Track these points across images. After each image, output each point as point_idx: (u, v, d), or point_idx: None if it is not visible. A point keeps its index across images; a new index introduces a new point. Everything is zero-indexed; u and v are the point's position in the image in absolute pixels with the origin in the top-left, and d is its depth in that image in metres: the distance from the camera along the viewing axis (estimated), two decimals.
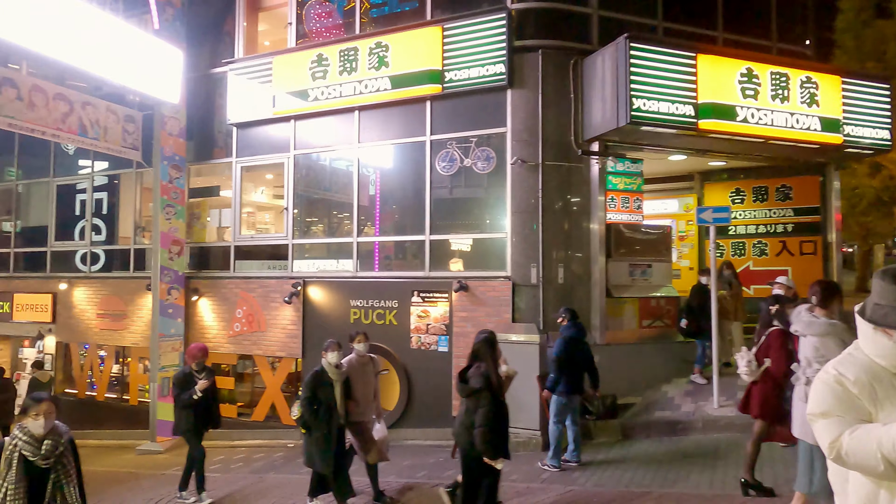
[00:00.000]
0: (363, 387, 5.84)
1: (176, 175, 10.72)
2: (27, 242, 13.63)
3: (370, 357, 6.06)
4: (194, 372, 6.45)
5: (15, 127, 8.75)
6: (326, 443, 5.41)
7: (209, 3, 11.33)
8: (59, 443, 3.55)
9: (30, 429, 3.47)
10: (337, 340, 5.67)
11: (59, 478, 3.52)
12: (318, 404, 5.41)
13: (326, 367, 5.55)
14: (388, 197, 10.21)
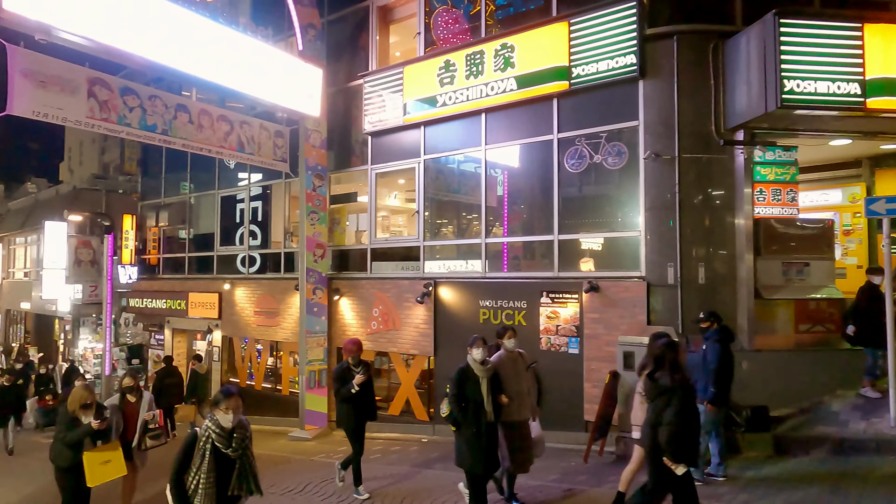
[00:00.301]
0: (515, 383, 5.64)
1: (319, 183, 11.58)
2: (198, 248, 15.48)
3: (519, 353, 5.87)
4: (351, 366, 6.58)
5: (188, 147, 9.98)
6: (476, 440, 5.24)
7: (345, 21, 12.10)
8: (246, 436, 3.78)
9: (220, 421, 3.68)
10: (482, 336, 5.50)
11: (245, 467, 3.76)
12: (465, 401, 5.29)
13: (471, 364, 5.39)
14: (516, 197, 10.21)
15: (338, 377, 6.59)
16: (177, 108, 9.63)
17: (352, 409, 6.53)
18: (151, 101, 9.23)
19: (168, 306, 15.75)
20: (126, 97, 8.85)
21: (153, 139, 9.44)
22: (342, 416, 6.67)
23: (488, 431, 5.28)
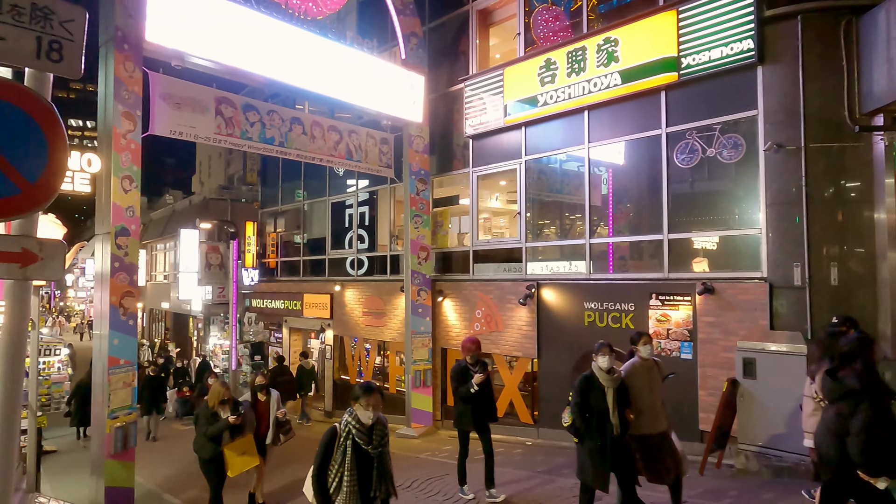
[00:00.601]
0: (648, 395, 5.19)
1: (422, 188, 11.87)
2: (311, 251, 16.42)
3: (654, 361, 5.44)
4: (469, 365, 6.42)
5: (301, 156, 10.63)
6: (600, 455, 4.87)
7: (446, 28, 12.32)
8: (385, 433, 3.68)
9: (360, 417, 3.58)
10: (608, 343, 5.14)
11: (383, 466, 3.63)
12: (588, 412, 4.94)
13: (596, 372, 5.02)
14: (622, 195, 9.87)
15: (456, 376, 6.42)
16: (292, 121, 10.30)
17: (470, 410, 6.37)
18: (270, 115, 9.93)
19: (285, 306, 16.85)
20: (248, 113, 9.60)
21: (271, 151, 10.15)
22: (460, 415, 6.49)
23: (614, 446, 4.89)
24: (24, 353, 2.40)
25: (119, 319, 7.61)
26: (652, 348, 5.37)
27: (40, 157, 2.24)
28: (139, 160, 7.93)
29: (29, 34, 2.22)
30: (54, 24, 2.26)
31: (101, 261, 7.84)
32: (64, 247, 2.31)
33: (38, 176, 2.23)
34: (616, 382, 4.99)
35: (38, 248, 2.24)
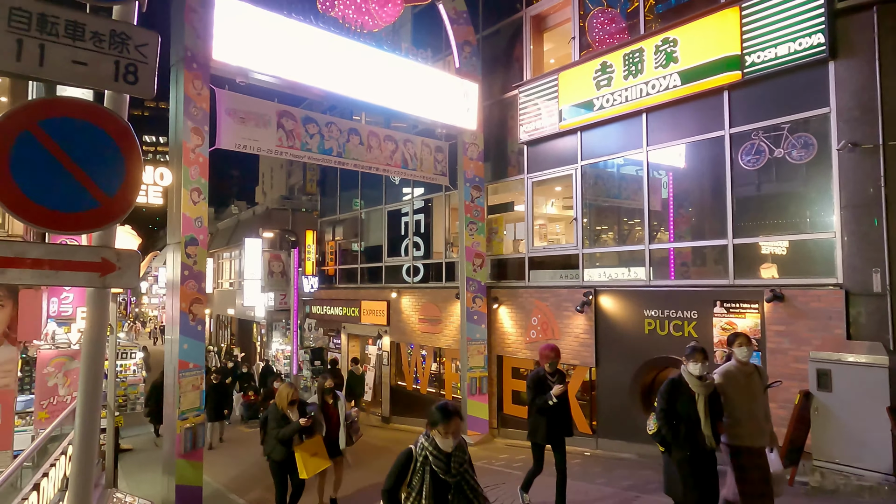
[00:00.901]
0: (747, 402, 4.73)
1: (476, 195, 11.90)
2: (369, 259, 16.73)
3: (755, 366, 4.92)
4: (547, 375, 6.05)
5: (359, 166, 10.88)
6: (689, 467, 4.53)
7: (499, 35, 12.34)
8: (465, 459, 3.41)
9: (438, 443, 3.32)
10: (701, 347, 4.74)
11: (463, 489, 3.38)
12: (677, 419, 4.59)
13: (686, 377, 4.67)
14: (683, 199, 9.56)
15: (532, 386, 6.03)
16: (349, 131, 10.56)
17: (545, 422, 5.99)
18: (328, 127, 10.22)
19: (344, 313, 17.22)
20: (307, 125, 9.91)
21: (330, 161, 10.44)
22: (534, 428, 6.11)
23: (705, 458, 4.55)
24: (103, 356, 2.56)
25: (188, 325, 7.98)
26: (750, 350, 4.87)
27: (118, 173, 2.40)
28: (207, 173, 8.32)
29: (108, 59, 2.38)
30: (130, 48, 2.42)
31: (172, 269, 8.27)
32: (139, 256, 2.46)
33: (115, 190, 2.39)
34: (708, 389, 4.61)
35: (115, 258, 2.40)
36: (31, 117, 2.24)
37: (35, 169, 2.23)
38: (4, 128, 2.17)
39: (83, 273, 2.35)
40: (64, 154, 2.28)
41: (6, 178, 2.16)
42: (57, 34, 2.28)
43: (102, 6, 2.47)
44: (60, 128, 2.29)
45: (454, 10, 11.75)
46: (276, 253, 18.00)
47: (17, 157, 2.20)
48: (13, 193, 2.17)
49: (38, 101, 2.30)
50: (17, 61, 2.21)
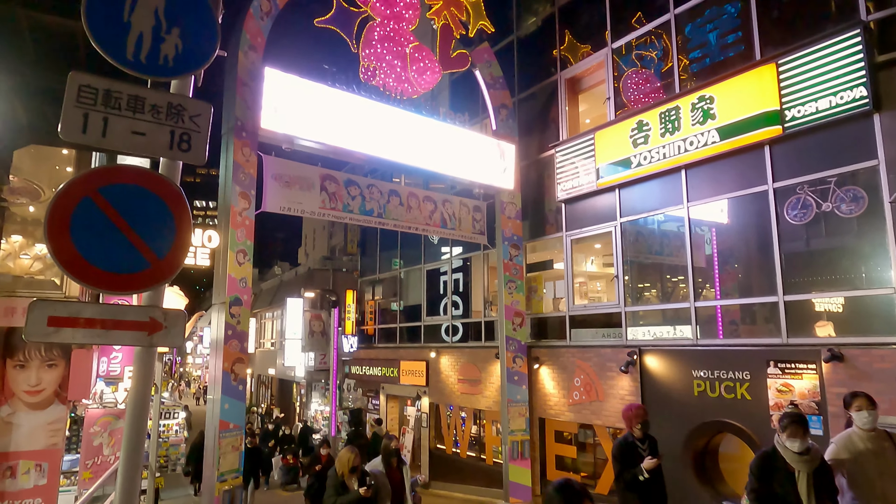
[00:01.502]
0: (878, 478, 3.98)
1: (515, 253, 11.89)
2: (408, 318, 16.73)
3: (886, 433, 4.19)
4: (636, 442, 5.37)
5: (398, 226, 11.07)
6: None
7: (535, 97, 12.64)
8: None
9: None
10: (799, 415, 4.10)
11: None
12: (773, 501, 3.94)
13: (780, 450, 4.01)
14: (727, 255, 9.32)
15: (619, 456, 5.31)
16: (389, 193, 10.82)
17: (636, 499, 5.24)
18: (369, 189, 10.51)
19: (383, 373, 17.11)
20: (349, 188, 10.21)
21: (370, 222, 10.67)
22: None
23: None
24: (147, 415, 2.60)
25: (230, 385, 8.06)
26: (873, 415, 4.13)
27: (169, 235, 2.51)
28: (252, 235, 8.61)
29: (164, 129, 2.55)
30: (185, 118, 2.58)
31: (216, 329, 8.45)
32: (184, 316, 2.53)
33: (166, 252, 2.49)
34: (812, 464, 3.91)
35: (163, 318, 2.47)
36: (92, 184, 2.39)
37: (93, 233, 2.36)
38: (68, 194, 2.32)
39: (132, 332, 2.42)
40: (120, 218, 2.40)
41: (67, 241, 2.29)
42: (119, 108, 2.46)
43: (161, 81, 2.66)
44: (118, 193, 2.43)
45: (490, 75, 12.15)
46: (317, 313, 18.22)
47: (78, 221, 2.33)
48: (73, 256, 2.29)
49: (99, 168, 2.46)
50: (83, 133, 2.38)
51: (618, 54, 10.83)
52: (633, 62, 10.57)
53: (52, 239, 2.26)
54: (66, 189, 2.34)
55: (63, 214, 2.30)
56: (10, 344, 7.79)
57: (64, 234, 2.28)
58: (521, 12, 13.32)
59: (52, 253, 2.25)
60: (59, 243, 2.27)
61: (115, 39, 2.50)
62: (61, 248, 2.27)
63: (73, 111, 2.37)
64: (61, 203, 2.31)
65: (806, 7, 8.18)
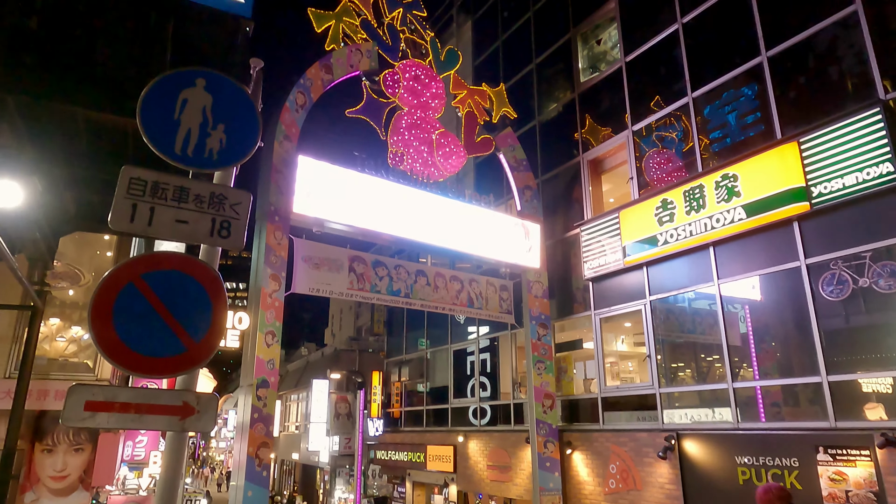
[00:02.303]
0: None
1: (543, 332, 11.73)
2: (434, 400, 16.37)
3: None
4: None
5: (425, 306, 11.09)
6: None
7: (558, 178, 12.91)
8: None
9: None
10: None
11: None
12: None
13: None
14: (763, 333, 9.04)
15: None
16: (416, 273, 10.93)
17: None
18: (396, 270, 10.64)
19: (409, 458, 16.54)
20: (377, 269, 10.36)
21: (398, 302, 10.72)
22: None
23: None
24: (175, 501, 2.56)
25: (254, 470, 7.88)
26: None
27: (205, 320, 2.57)
28: (281, 316, 8.70)
29: (206, 217, 2.68)
30: (226, 207, 2.72)
31: (242, 412, 8.37)
32: (216, 400, 2.54)
33: (202, 336, 2.55)
34: None
35: (195, 402, 2.49)
36: (136, 270, 2.49)
37: (134, 318, 2.43)
38: (113, 280, 2.42)
39: (164, 417, 2.44)
40: (160, 303, 2.48)
41: (109, 327, 2.36)
42: (166, 198, 2.61)
43: (205, 173, 2.82)
44: (159, 279, 2.52)
45: (514, 158, 12.52)
46: (343, 395, 17.97)
47: (121, 307, 2.42)
48: (113, 341, 2.36)
49: (143, 255, 2.58)
50: (131, 222, 2.51)
51: (638, 136, 11.10)
52: (654, 143, 10.81)
53: (95, 325, 2.34)
54: (111, 275, 2.44)
55: (107, 301, 2.38)
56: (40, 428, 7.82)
57: (107, 320, 2.36)
58: (541, 98, 13.89)
59: (95, 339, 2.32)
60: (101, 329, 2.35)
61: (165, 136, 2.70)
62: (104, 334, 2.34)
63: (123, 202, 2.52)
64: (106, 289, 2.40)
65: (823, 88, 8.36)
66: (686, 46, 10.36)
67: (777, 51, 8.82)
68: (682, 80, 10.32)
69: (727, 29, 9.78)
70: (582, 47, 13.09)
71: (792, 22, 8.72)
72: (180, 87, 2.78)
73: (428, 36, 11.86)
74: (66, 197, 6.96)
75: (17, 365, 7.81)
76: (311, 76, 9.98)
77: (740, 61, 9.33)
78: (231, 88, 2.90)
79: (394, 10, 11.39)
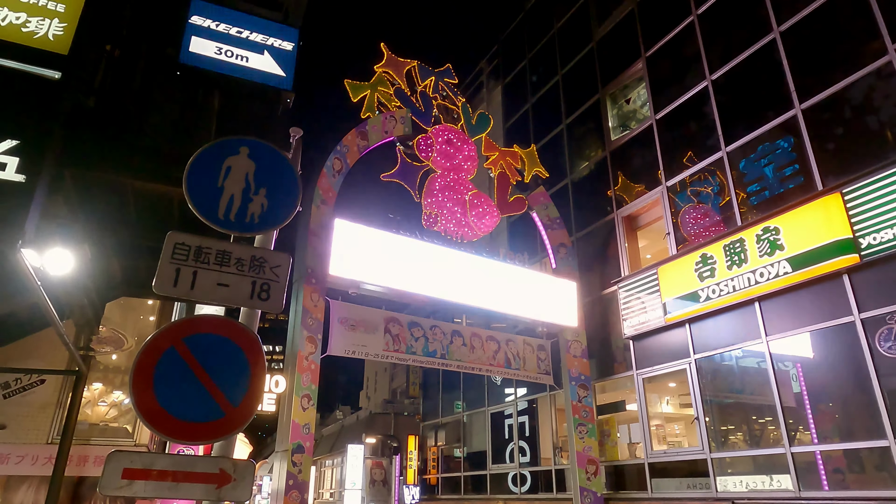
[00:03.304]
0: None
1: (583, 394, 11.34)
2: (472, 466, 15.80)
3: None
4: None
5: (462, 367, 10.90)
6: None
7: (593, 235, 12.82)
8: None
9: None
10: None
11: None
12: None
13: None
14: (819, 393, 8.52)
15: None
16: (452, 333, 10.82)
17: None
18: (432, 330, 10.56)
19: None
20: (412, 330, 10.30)
21: (433, 363, 10.57)
22: None
23: None
24: None
25: None
26: None
27: (244, 384, 2.55)
28: (317, 379, 8.66)
29: (247, 280, 2.71)
30: (266, 270, 2.75)
31: (277, 478, 8.22)
32: (253, 467, 2.49)
33: (240, 400, 2.52)
34: None
35: (232, 469, 2.44)
36: (177, 334, 2.51)
37: (174, 382, 2.44)
38: (156, 344, 2.44)
39: (201, 485, 2.39)
40: (200, 367, 2.49)
41: (150, 391, 2.37)
42: (208, 262, 2.66)
43: (246, 237, 2.88)
44: (200, 342, 2.54)
45: (547, 216, 12.52)
46: (378, 460, 17.54)
47: (161, 371, 2.42)
48: (154, 407, 2.36)
49: (184, 319, 2.60)
50: (174, 286, 2.56)
51: (672, 191, 11.02)
52: (689, 198, 10.69)
53: (136, 390, 2.35)
54: (153, 340, 2.47)
55: (148, 365, 2.40)
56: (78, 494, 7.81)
57: (147, 385, 2.37)
58: (573, 157, 14.02)
59: (135, 404, 2.32)
60: (142, 394, 2.35)
61: (210, 202, 2.78)
62: (144, 399, 2.34)
63: (168, 266, 2.58)
64: (148, 354, 2.42)
65: (862, 138, 8.21)
66: (717, 102, 10.39)
67: (811, 103, 8.77)
68: (714, 134, 10.30)
69: (757, 83, 9.80)
70: (611, 107, 13.28)
71: (824, 74, 8.70)
72: (225, 155, 2.89)
73: (459, 101, 12.23)
74: (113, 263, 7.20)
75: (59, 430, 7.91)
76: (348, 142, 10.33)
77: (773, 115, 9.29)
78: (273, 155, 3.01)
79: (426, 79, 11.82)
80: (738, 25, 10.38)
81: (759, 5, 9.93)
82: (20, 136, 4.35)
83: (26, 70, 4.61)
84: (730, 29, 10.57)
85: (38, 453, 7.68)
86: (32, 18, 4.73)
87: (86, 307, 6.87)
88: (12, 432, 7.67)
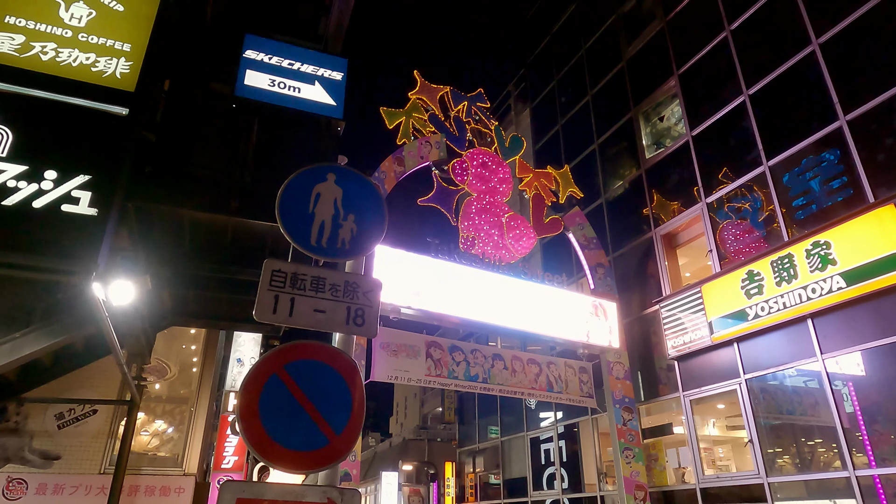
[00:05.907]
0: None
1: (628, 417, 11.08)
2: (511, 493, 15.49)
3: None
4: None
5: (504, 391, 10.75)
6: None
7: (631, 254, 12.67)
8: None
9: None
10: None
11: None
12: None
13: None
14: (874, 413, 8.19)
15: None
16: (493, 357, 10.70)
17: None
18: (473, 354, 10.46)
19: None
20: (454, 354, 10.22)
21: (475, 388, 10.44)
22: None
23: None
24: None
25: None
26: None
27: (345, 411, 2.53)
28: None
29: (342, 306, 2.71)
30: (359, 295, 2.75)
31: None
32: (359, 496, 2.44)
33: (343, 427, 2.50)
34: None
35: (339, 498, 2.40)
36: (279, 361, 2.51)
37: (278, 410, 2.42)
38: (260, 372, 2.44)
39: None
40: (302, 394, 2.47)
41: (255, 419, 2.35)
42: (304, 288, 2.67)
43: (337, 262, 2.89)
44: (300, 369, 2.52)
45: (584, 237, 12.43)
46: (416, 487, 17.31)
47: (265, 399, 2.41)
48: (260, 434, 2.34)
49: (286, 346, 2.59)
50: (273, 314, 2.56)
51: (710, 208, 10.87)
52: (728, 214, 10.53)
53: (244, 419, 2.33)
54: (256, 369, 2.46)
55: (254, 395, 2.39)
56: None
57: (254, 415, 2.35)
58: (606, 177, 13.96)
59: (243, 433, 2.31)
60: (250, 424, 2.34)
61: (303, 229, 2.80)
62: (252, 429, 2.33)
63: (266, 294, 2.59)
64: (253, 382, 2.41)
65: None
66: (756, 116, 10.29)
67: (856, 114, 8.63)
68: (754, 149, 10.17)
69: (797, 96, 9.69)
70: (644, 125, 13.24)
71: (868, 85, 8.57)
72: (313, 182, 2.91)
73: (492, 125, 12.30)
74: (164, 293, 7.30)
75: (111, 460, 7.94)
76: (385, 169, 10.42)
77: (817, 127, 9.15)
78: (359, 181, 3.03)
79: (459, 104, 11.94)
80: (774, 39, 10.32)
81: (795, 18, 9.87)
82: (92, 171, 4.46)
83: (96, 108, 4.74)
84: (765, 43, 10.51)
85: (90, 483, 7.71)
86: (101, 58, 4.88)
87: (139, 337, 6.95)
88: (66, 462, 7.72)
